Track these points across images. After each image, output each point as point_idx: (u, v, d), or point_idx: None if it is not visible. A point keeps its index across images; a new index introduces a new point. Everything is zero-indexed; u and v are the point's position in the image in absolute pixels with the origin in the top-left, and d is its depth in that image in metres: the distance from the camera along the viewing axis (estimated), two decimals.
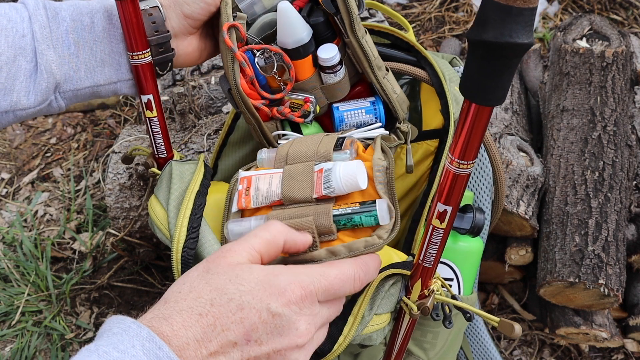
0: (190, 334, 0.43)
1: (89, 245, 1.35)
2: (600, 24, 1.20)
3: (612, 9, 1.72)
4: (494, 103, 0.47)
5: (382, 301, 0.63)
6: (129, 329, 0.42)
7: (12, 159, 1.56)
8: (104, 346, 0.41)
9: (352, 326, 0.59)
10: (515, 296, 1.26)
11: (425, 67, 0.77)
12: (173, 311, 0.44)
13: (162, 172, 0.71)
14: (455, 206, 0.56)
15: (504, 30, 0.41)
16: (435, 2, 1.76)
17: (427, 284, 0.63)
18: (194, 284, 0.46)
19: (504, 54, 0.43)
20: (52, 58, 0.62)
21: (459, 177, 0.53)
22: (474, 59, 0.45)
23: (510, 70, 0.45)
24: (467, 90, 0.47)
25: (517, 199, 1.04)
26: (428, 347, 0.81)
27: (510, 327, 0.60)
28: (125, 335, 0.42)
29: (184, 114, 1.23)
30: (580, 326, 1.07)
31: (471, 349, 1.03)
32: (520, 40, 0.41)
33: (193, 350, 0.43)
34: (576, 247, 1.01)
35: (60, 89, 0.64)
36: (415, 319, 0.67)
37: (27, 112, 0.63)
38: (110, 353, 0.40)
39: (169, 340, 0.42)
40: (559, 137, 1.12)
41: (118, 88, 0.69)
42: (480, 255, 0.82)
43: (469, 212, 0.75)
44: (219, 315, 0.44)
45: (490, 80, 0.45)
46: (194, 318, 0.44)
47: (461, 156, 0.51)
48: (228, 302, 0.45)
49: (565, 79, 1.16)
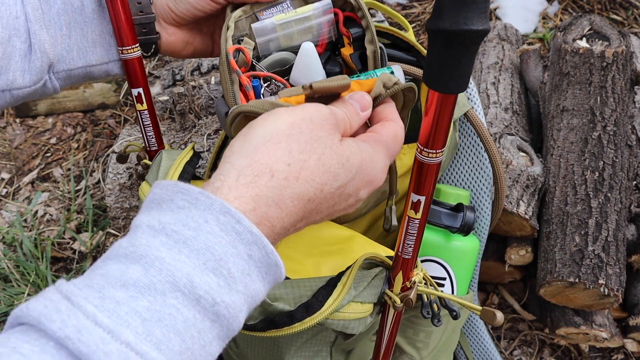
0: (294, 219, 0.40)
1: (89, 245, 1.35)
2: (600, 24, 1.20)
3: (612, 9, 1.72)
4: (456, 90, 0.48)
5: (365, 290, 0.64)
6: (196, 201, 0.36)
7: (12, 159, 1.56)
8: (171, 224, 0.35)
9: (340, 293, 0.61)
10: (515, 296, 1.26)
11: None
12: (284, 195, 0.39)
13: (153, 161, 0.72)
14: (429, 196, 0.57)
15: (459, 18, 0.42)
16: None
17: (408, 275, 0.64)
18: (304, 158, 0.40)
19: (461, 41, 0.44)
20: (45, 38, 0.64)
21: (429, 167, 0.54)
22: (434, 49, 0.46)
23: (468, 57, 0.46)
24: (430, 79, 0.48)
25: (517, 199, 1.04)
26: (421, 346, 0.81)
27: (492, 314, 0.62)
28: (194, 210, 0.36)
29: (184, 114, 1.23)
30: (580, 326, 1.07)
31: (471, 348, 1.04)
32: (475, 26, 0.42)
33: (286, 230, 0.40)
34: (576, 247, 1.01)
35: (53, 68, 0.66)
36: (399, 312, 0.67)
37: (23, 91, 0.65)
38: (180, 232, 0.35)
39: (273, 225, 0.38)
40: (559, 137, 1.12)
41: (110, 68, 0.71)
42: (476, 254, 0.82)
43: (460, 211, 0.75)
44: (323, 201, 0.42)
45: (451, 68, 0.46)
46: (302, 203, 0.40)
47: (430, 145, 0.52)
48: (336, 189, 0.42)
49: (565, 79, 1.16)
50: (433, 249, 0.78)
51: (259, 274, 0.37)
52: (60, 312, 0.29)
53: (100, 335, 0.29)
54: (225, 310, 0.35)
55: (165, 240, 0.34)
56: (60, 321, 0.29)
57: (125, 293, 0.31)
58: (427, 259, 0.78)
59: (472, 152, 0.84)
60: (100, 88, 1.62)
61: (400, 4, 1.78)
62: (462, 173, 0.86)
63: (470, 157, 0.84)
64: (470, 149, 0.84)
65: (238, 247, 0.36)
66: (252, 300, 0.38)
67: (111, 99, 1.63)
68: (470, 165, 0.85)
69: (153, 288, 0.32)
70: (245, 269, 0.36)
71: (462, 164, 0.85)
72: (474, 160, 0.84)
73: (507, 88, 1.24)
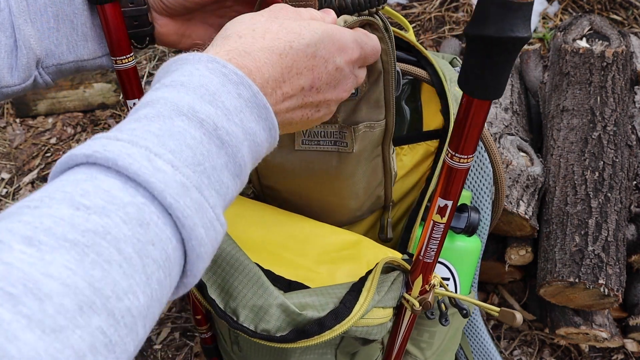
0: (272, 73, 0.43)
1: None
2: (600, 24, 1.20)
3: (612, 9, 1.72)
4: (493, 97, 0.48)
5: (386, 295, 0.63)
6: (186, 61, 0.41)
7: (12, 159, 1.56)
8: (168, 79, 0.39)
9: (365, 298, 0.61)
10: (515, 296, 1.26)
11: (426, 67, 0.77)
12: (254, 47, 0.43)
13: None
14: (455, 201, 0.57)
15: (504, 25, 0.42)
16: (435, 2, 1.76)
17: (427, 279, 0.64)
18: (267, 26, 0.45)
19: (505, 48, 0.44)
20: (31, 33, 0.60)
21: (458, 172, 0.53)
22: (474, 55, 0.46)
23: (510, 64, 0.46)
24: (466, 85, 0.48)
25: (517, 199, 1.04)
26: (425, 346, 0.81)
27: (511, 316, 0.61)
28: (186, 65, 0.40)
29: None
30: (580, 326, 1.07)
31: (471, 348, 1.04)
32: (521, 34, 0.42)
33: (271, 88, 0.43)
34: (576, 247, 1.01)
35: (42, 64, 0.63)
36: (416, 314, 0.67)
37: (12, 89, 0.62)
38: (177, 80, 0.39)
39: (253, 76, 0.42)
40: (559, 137, 1.12)
41: (104, 62, 0.68)
42: (478, 255, 0.82)
43: (464, 211, 0.76)
44: (296, 58, 0.44)
45: (491, 74, 0.46)
46: (275, 57, 0.43)
47: (460, 150, 0.52)
48: (306, 47, 0.45)
49: (565, 79, 1.16)
50: None
51: (252, 114, 0.40)
52: (86, 145, 0.34)
53: (122, 145, 0.33)
54: (227, 137, 0.38)
55: (166, 89, 0.39)
56: (87, 147, 0.34)
57: (138, 124, 0.36)
58: None
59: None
60: (100, 88, 1.62)
61: (400, 4, 1.78)
62: None
63: None
64: None
65: (227, 86, 0.39)
66: (252, 141, 0.40)
67: (111, 99, 1.63)
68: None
69: (161, 115, 0.36)
70: (237, 105, 0.39)
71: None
72: (474, 160, 0.84)
73: (507, 88, 1.24)
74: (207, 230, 0.35)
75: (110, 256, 0.30)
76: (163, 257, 0.33)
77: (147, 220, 0.32)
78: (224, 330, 0.82)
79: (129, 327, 0.30)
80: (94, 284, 0.29)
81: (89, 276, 0.29)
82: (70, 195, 0.31)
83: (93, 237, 0.30)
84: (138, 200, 0.32)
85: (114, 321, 0.29)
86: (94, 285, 0.28)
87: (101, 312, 0.28)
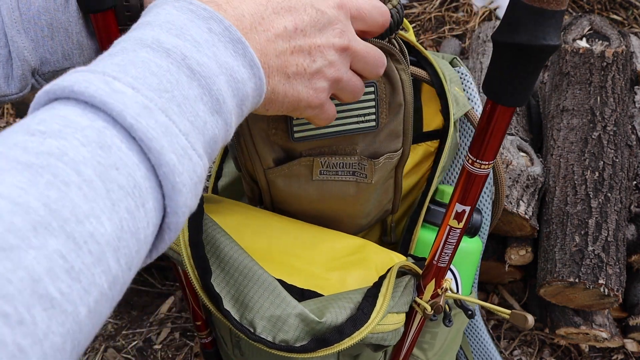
0: (246, 8, 0.41)
1: None
2: (600, 24, 1.20)
3: (612, 9, 1.72)
4: (519, 104, 0.47)
5: (400, 299, 0.63)
6: (153, 6, 0.38)
7: None
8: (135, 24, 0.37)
9: (382, 304, 0.60)
10: (515, 296, 1.26)
11: (426, 68, 0.77)
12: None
13: None
14: (473, 206, 0.56)
15: (537, 32, 0.41)
16: (435, 2, 1.76)
17: (440, 283, 0.64)
18: None
19: (536, 56, 0.43)
20: (24, 44, 0.59)
21: (477, 177, 0.53)
22: (502, 61, 0.45)
23: (538, 71, 0.45)
24: (492, 91, 0.47)
25: (517, 199, 1.04)
26: (427, 347, 0.81)
27: (523, 318, 0.61)
28: (154, 9, 0.38)
29: None
30: (580, 326, 1.08)
31: (471, 349, 1.04)
32: (553, 42, 0.42)
33: (249, 24, 0.41)
34: (576, 247, 1.01)
35: (38, 72, 0.62)
36: (427, 318, 0.67)
37: (10, 97, 0.61)
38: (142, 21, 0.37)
39: (223, 10, 0.39)
40: (559, 137, 1.12)
41: None
42: (479, 255, 0.82)
43: None
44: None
45: (519, 81, 0.45)
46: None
47: (481, 156, 0.51)
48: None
49: (565, 79, 1.16)
50: None
51: (226, 49, 0.37)
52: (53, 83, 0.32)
53: (80, 74, 0.31)
54: (198, 67, 0.35)
55: (130, 32, 0.37)
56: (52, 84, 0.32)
57: (99, 61, 0.34)
58: None
59: None
60: None
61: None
62: None
63: None
64: None
65: (196, 21, 0.37)
66: (230, 76, 0.37)
67: None
68: None
69: (124, 49, 0.34)
70: (208, 39, 0.36)
71: (462, 164, 0.85)
72: None
73: None
74: (180, 158, 0.32)
75: (68, 177, 0.27)
76: (130, 183, 0.30)
77: (108, 143, 0.29)
78: (225, 333, 0.81)
79: (95, 255, 0.27)
80: (49, 205, 0.26)
81: (44, 197, 0.26)
82: (26, 125, 0.29)
83: (48, 159, 0.27)
84: (98, 125, 0.30)
85: (75, 246, 0.26)
86: (49, 207, 0.26)
87: (59, 235, 0.26)
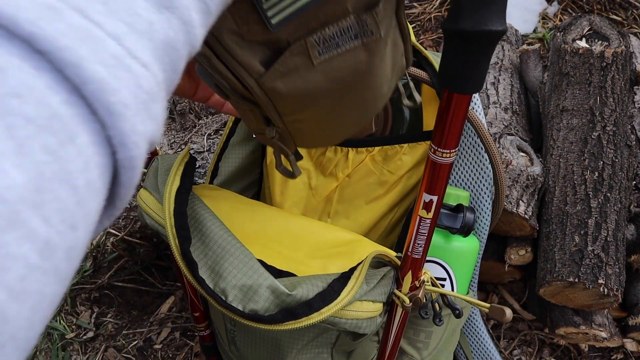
0: None
1: (90, 245, 1.35)
2: (599, 24, 1.20)
3: (612, 9, 1.72)
4: (472, 90, 0.48)
5: (376, 288, 0.64)
6: None
7: None
8: None
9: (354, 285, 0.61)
10: (515, 296, 1.26)
11: (426, 68, 0.77)
12: None
13: (149, 168, 0.72)
14: (441, 196, 0.57)
15: (479, 18, 0.42)
16: (435, 2, 1.76)
17: (417, 275, 0.65)
18: None
19: (481, 42, 0.44)
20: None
21: (442, 166, 0.54)
22: (451, 49, 0.46)
23: (487, 58, 0.45)
24: (446, 80, 0.48)
25: (517, 199, 1.04)
26: (421, 346, 0.82)
27: (500, 311, 0.62)
28: None
29: (184, 114, 1.23)
30: (580, 326, 1.08)
31: (471, 348, 1.04)
32: (495, 27, 0.42)
33: None
34: (576, 247, 1.01)
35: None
36: (407, 311, 0.68)
37: None
38: None
39: None
40: (558, 137, 1.13)
41: None
42: (476, 254, 0.82)
43: (460, 212, 0.76)
44: None
45: (468, 68, 0.46)
46: None
47: (443, 145, 0.52)
48: None
49: (564, 79, 1.16)
50: (433, 250, 0.78)
51: None
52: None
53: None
54: None
55: None
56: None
57: None
58: (427, 260, 0.79)
59: (472, 152, 0.84)
60: None
61: None
62: (462, 173, 0.86)
63: (470, 157, 0.84)
64: (470, 149, 0.84)
65: None
66: None
67: None
68: (470, 166, 0.85)
69: None
70: None
71: (462, 164, 0.85)
72: (474, 160, 0.84)
73: (507, 88, 1.24)
74: (111, 69, 0.23)
75: None
76: (44, 114, 0.21)
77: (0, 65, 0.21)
78: (221, 329, 0.82)
79: (4, 218, 0.19)
80: None
81: None
82: None
83: None
84: None
85: None
86: None
87: None
